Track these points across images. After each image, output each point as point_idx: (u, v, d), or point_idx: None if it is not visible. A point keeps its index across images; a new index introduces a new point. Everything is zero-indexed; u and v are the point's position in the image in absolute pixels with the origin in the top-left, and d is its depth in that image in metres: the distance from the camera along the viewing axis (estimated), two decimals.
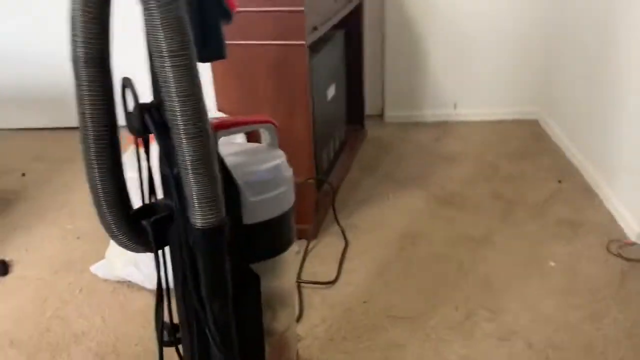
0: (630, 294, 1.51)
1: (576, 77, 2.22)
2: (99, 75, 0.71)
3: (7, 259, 1.81)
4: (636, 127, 1.70)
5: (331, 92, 2.10)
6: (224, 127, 0.86)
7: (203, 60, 0.79)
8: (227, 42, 1.62)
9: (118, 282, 1.68)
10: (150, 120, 0.73)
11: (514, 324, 1.43)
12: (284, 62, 1.64)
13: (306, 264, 1.72)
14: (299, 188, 1.75)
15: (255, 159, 0.91)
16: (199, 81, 0.70)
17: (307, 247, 1.79)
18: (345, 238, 1.84)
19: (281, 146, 1.76)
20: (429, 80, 2.69)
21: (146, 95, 0.76)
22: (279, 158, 0.92)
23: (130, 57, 1.16)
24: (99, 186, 0.77)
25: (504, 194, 2.05)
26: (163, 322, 0.94)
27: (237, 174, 0.83)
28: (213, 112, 1.74)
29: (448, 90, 2.70)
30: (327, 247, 1.81)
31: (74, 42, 0.71)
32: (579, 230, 1.81)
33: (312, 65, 1.77)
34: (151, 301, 1.57)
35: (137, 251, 0.85)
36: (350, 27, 2.35)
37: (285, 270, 0.97)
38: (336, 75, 2.17)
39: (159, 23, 0.66)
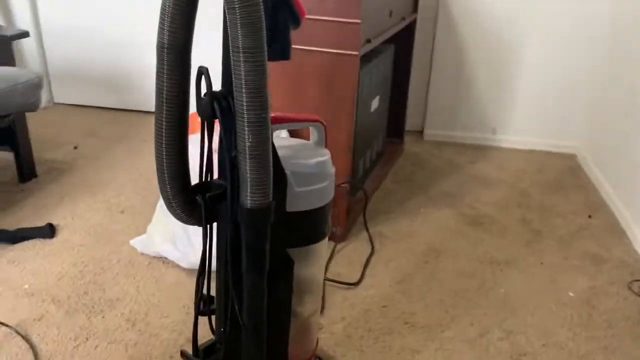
0: None
1: (617, 116, 2.24)
2: (180, 62, 0.80)
3: (54, 223, 1.94)
4: None
5: (375, 103, 2.17)
6: (278, 121, 0.94)
7: (269, 59, 0.88)
8: None
9: (155, 257, 1.78)
10: (218, 107, 0.82)
11: (526, 346, 1.47)
12: (336, 69, 1.73)
13: (332, 263, 1.79)
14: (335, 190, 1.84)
15: (304, 154, 0.99)
16: (267, 77, 0.79)
17: (334, 247, 1.87)
18: (372, 244, 1.90)
19: None
20: (471, 103, 2.74)
21: (217, 84, 0.85)
22: (325, 155, 1.00)
23: (208, 49, 1.27)
24: (164, 161, 0.85)
25: (532, 221, 2.09)
26: (202, 293, 1.02)
27: (286, 165, 0.91)
28: None
29: (489, 115, 2.74)
30: (354, 251, 1.87)
31: (161, 30, 0.80)
32: (602, 266, 1.83)
33: (360, 76, 1.85)
34: (184, 278, 1.68)
35: (188, 223, 0.93)
36: (402, 43, 2.42)
37: (316, 260, 1.04)
38: (382, 88, 2.25)
39: (239, 21, 0.74)
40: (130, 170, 2.38)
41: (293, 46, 1.71)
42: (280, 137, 1.13)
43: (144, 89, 2.96)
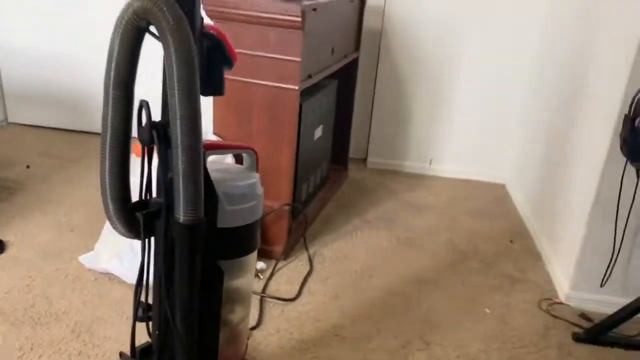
0: (550, 346, 1.71)
1: (539, 152, 2.47)
2: (124, 97, 0.93)
3: (4, 239, 2.00)
4: (578, 206, 1.93)
5: (318, 132, 2.34)
6: (212, 147, 1.08)
7: (205, 94, 1.02)
8: (232, 77, 1.88)
9: (102, 273, 1.86)
10: (156, 135, 0.95)
11: (442, 357, 1.62)
12: (279, 101, 1.88)
13: (272, 281, 1.92)
14: (276, 212, 1.98)
15: (236, 177, 1.12)
16: (199, 108, 0.92)
17: (275, 266, 1.99)
18: (311, 263, 2.04)
19: (266, 172, 1.99)
20: (410, 135, 2.95)
21: (157, 116, 0.98)
22: (254, 178, 1.14)
23: (150, 85, 1.40)
24: (107, 180, 0.97)
25: (459, 244, 2.27)
26: (139, 301, 1.13)
27: (218, 186, 1.04)
28: (209, 134, 1.97)
29: (426, 146, 2.95)
30: (293, 269, 2.01)
31: (108, 69, 0.92)
32: (517, 285, 2.02)
33: (303, 107, 2.02)
34: (128, 293, 1.78)
35: (129, 237, 1.05)
36: (345, 78, 2.61)
37: (246, 271, 1.17)
38: (325, 119, 2.41)
39: (173, 59, 0.88)
40: (82, 190, 2.45)
41: (238, 78, 1.87)
42: (217, 162, 1.26)
43: (98, 111, 3.04)
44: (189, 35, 0.87)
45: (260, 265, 1.97)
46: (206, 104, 0.96)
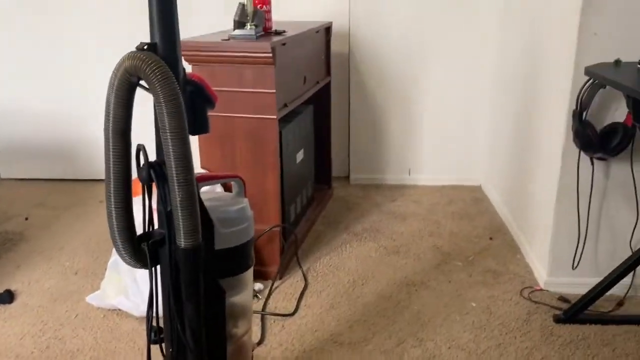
0: (533, 329, 1.84)
1: (507, 151, 2.64)
2: (122, 142, 1.06)
3: (12, 289, 2.11)
4: (545, 197, 2.08)
5: (300, 156, 2.48)
6: (204, 179, 1.21)
7: (193, 134, 1.15)
8: (214, 113, 2.03)
9: (109, 310, 1.97)
10: (154, 173, 1.08)
11: (435, 350, 1.75)
12: (258, 131, 2.03)
13: (270, 299, 2.04)
14: (267, 235, 2.10)
15: (227, 203, 1.25)
16: (189, 147, 1.05)
17: (272, 285, 2.12)
18: (305, 279, 2.17)
19: (255, 198, 2.13)
20: (388, 149, 3.10)
21: (152, 156, 1.11)
22: (243, 203, 1.27)
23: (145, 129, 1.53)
24: (114, 218, 1.09)
25: (442, 247, 2.41)
26: (152, 325, 1.25)
27: (212, 213, 1.18)
28: (197, 168, 2.10)
29: (404, 157, 3.11)
30: (289, 286, 2.13)
31: (106, 120, 1.06)
32: (500, 278, 2.16)
33: (283, 134, 2.16)
34: (137, 326, 1.89)
35: (137, 267, 1.17)
36: (320, 102, 2.77)
37: (244, 287, 1.30)
38: (305, 142, 2.56)
39: (164, 110, 1.01)
40: (81, 235, 2.57)
41: (220, 114, 2.01)
42: (209, 192, 1.40)
43: (87, 158, 3.18)
44: (176, 87, 1.01)
45: (258, 286, 2.09)
46: (191, 140, 1.10)
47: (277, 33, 2.16)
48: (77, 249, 2.43)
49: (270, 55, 1.90)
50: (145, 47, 1.04)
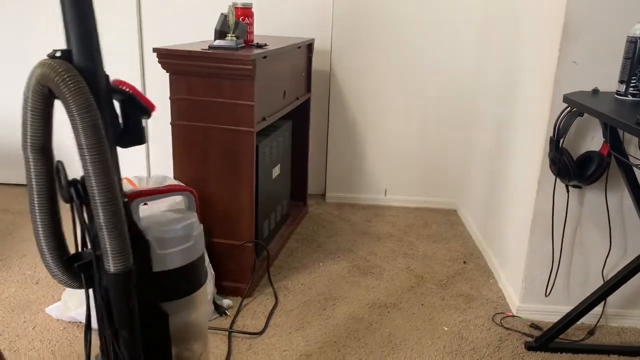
0: (504, 356, 1.82)
1: (482, 177, 2.64)
2: (42, 159, 0.96)
3: None
4: (519, 223, 2.08)
5: (276, 171, 2.45)
6: (140, 195, 1.12)
7: (125, 145, 1.05)
8: (190, 122, 1.98)
9: (69, 322, 1.89)
10: (75, 193, 0.97)
11: None
12: (235, 143, 1.99)
13: (239, 317, 1.98)
14: (238, 250, 2.05)
15: (172, 220, 1.16)
16: (109, 165, 0.94)
17: (241, 302, 2.06)
18: (276, 297, 2.11)
19: (228, 212, 2.09)
20: (365, 168, 3.09)
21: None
22: (192, 219, 1.19)
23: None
24: (41, 237, 1.00)
25: (416, 269, 2.39)
26: (90, 350, 1.16)
27: (149, 232, 1.09)
28: (169, 179, 2.05)
29: (380, 178, 3.10)
30: (259, 304, 2.07)
31: (24, 133, 0.95)
32: (472, 303, 2.14)
33: (260, 148, 2.13)
34: (97, 340, 1.80)
35: (73, 287, 1.07)
36: (299, 118, 2.75)
37: (196, 307, 1.22)
38: (282, 158, 2.53)
39: (79, 125, 0.91)
40: None
41: (196, 124, 1.96)
42: (153, 207, 1.30)
43: None
44: (90, 99, 0.91)
45: (227, 302, 2.04)
46: (167, 150, 1.04)
47: (259, 46, 2.13)
48: (38, 258, 2.34)
49: (251, 67, 1.87)
50: (58, 54, 0.94)
